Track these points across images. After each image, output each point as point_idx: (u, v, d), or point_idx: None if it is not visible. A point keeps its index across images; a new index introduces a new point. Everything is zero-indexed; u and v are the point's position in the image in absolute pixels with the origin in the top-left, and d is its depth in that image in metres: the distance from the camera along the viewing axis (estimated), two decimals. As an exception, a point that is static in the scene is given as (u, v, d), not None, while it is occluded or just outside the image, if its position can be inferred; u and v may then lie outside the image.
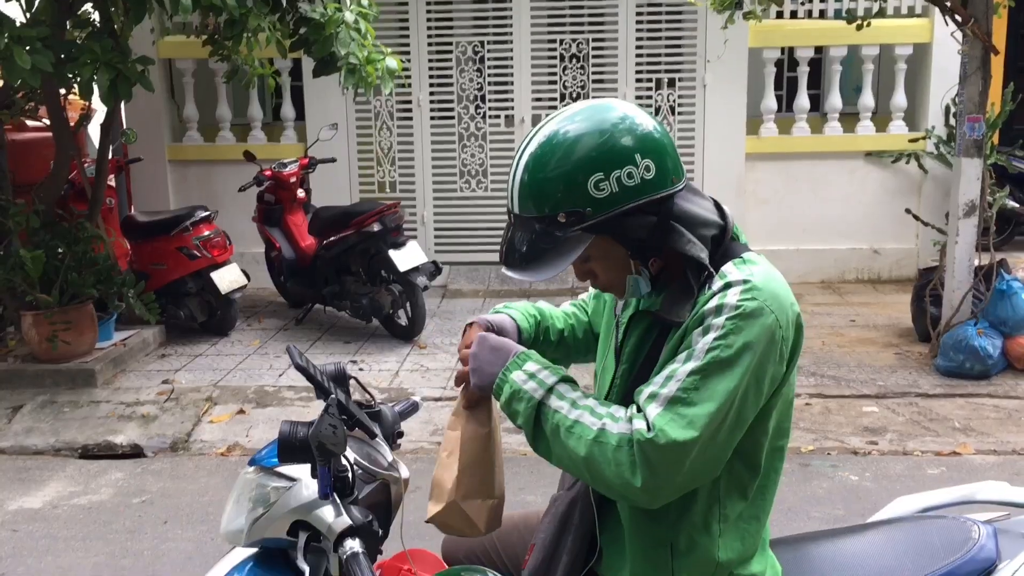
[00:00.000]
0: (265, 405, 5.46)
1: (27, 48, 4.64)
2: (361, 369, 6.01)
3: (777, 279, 1.58)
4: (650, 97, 8.00)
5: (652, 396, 1.52)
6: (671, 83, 8.00)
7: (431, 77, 8.15)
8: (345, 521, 1.61)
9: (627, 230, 1.57)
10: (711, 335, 1.51)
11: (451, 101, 8.19)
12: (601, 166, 1.53)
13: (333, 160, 7.47)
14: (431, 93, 8.17)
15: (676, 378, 1.51)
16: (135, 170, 7.81)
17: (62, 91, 5.99)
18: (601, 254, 1.62)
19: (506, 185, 1.65)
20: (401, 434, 1.99)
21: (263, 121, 8.44)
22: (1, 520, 4.22)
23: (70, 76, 5.28)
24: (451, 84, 8.15)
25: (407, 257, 6.31)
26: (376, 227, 6.29)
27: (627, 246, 1.60)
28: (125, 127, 7.16)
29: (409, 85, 8.10)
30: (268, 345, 6.59)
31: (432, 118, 8.23)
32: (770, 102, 8.04)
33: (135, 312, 6.09)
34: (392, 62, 5.93)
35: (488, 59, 8.09)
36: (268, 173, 6.94)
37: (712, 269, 1.58)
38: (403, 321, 6.58)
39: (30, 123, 6.95)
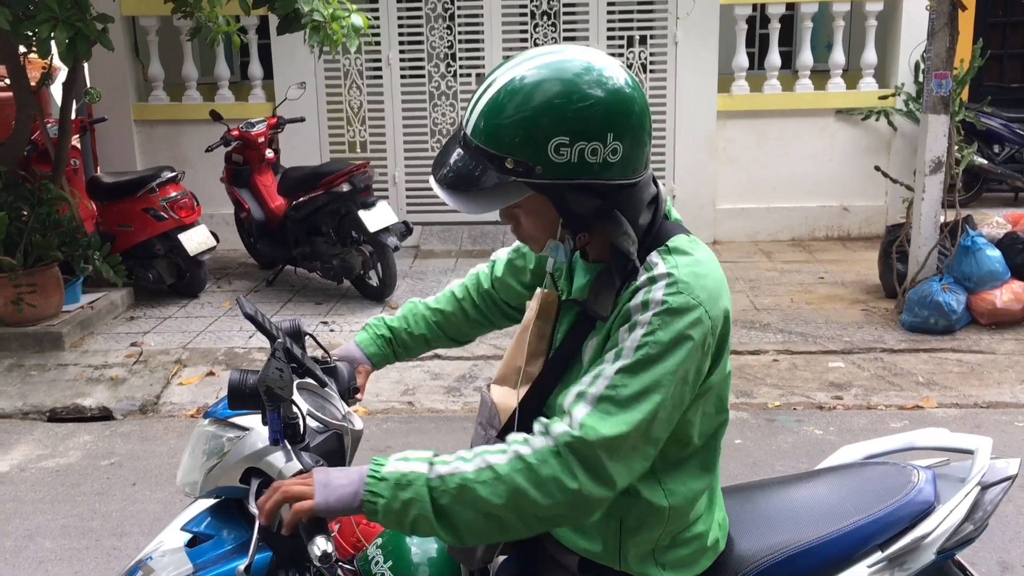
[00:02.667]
0: (235, 367, 5.45)
1: (-18, 5, 4.54)
2: (332, 330, 6.00)
3: (705, 269, 1.52)
4: (621, 55, 7.95)
5: (580, 395, 1.48)
6: (642, 40, 7.95)
7: (401, 35, 8.05)
8: (295, 466, 1.62)
9: (569, 202, 1.50)
10: (638, 332, 1.46)
11: (421, 59, 8.10)
12: (568, 131, 1.43)
13: (302, 120, 7.38)
14: (401, 51, 8.08)
15: (604, 376, 1.47)
16: (100, 130, 7.69)
17: (22, 49, 5.86)
18: (533, 209, 1.54)
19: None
20: (357, 389, 2.00)
21: (230, 80, 8.32)
22: (-32, 484, 4.20)
23: (28, 34, 5.17)
24: (421, 42, 8.06)
25: (377, 217, 6.27)
26: (345, 187, 6.24)
27: (562, 214, 1.52)
28: (88, 86, 7.03)
29: (378, 43, 8.00)
30: (238, 307, 6.55)
31: (402, 77, 8.14)
32: (741, 59, 8.02)
33: (102, 275, 6.03)
34: (358, 19, 5.85)
35: (458, 16, 7.99)
36: (236, 133, 6.85)
37: (637, 262, 1.54)
38: (374, 282, 6.56)
39: (-10, 83, 6.80)
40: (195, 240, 6.56)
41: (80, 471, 4.32)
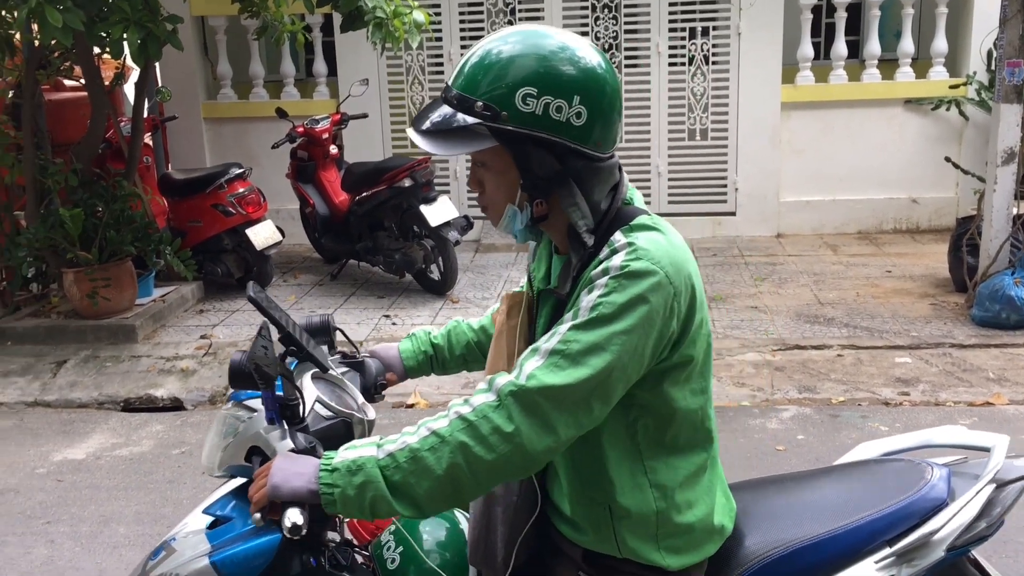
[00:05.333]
0: (300, 359, 5.55)
1: (59, 7, 4.70)
2: (394, 324, 6.08)
3: (668, 242, 1.56)
4: (683, 47, 7.88)
5: (534, 350, 1.52)
6: (705, 32, 7.87)
7: (462, 30, 8.10)
8: (288, 444, 1.66)
9: (529, 159, 1.56)
10: (595, 293, 1.51)
11: (482, 54, 8.12)
12: (537, 83, 1.52)
13: (365, 116, 7.48)
14: (462, 47, 8.12)
15: (559, 333, 1.51)
16: (172, 128, 7.90)
17: (96, 50, 6.05)
18: (497, 167, 1.61)
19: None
20: (385, 386, 2.04)
21: (296, 77, 8.47)
22: (46, 471, 4.37)
23: (102, 35, 5.34)
24: (482, 37, 8.08)
25: (438, 212, 6.34)
26: (407, 182, 6.32)
27: (522, 174, 1.58)
28: (160, 85, 7.23)
29: (440, 39, 8.06)
30: (304, 300, 6.69)
31: (464, 72, 8.17)
32: (807, 49, 7.88)
33: (174, 269, 6.21)
34: (419, 16, 5.91)
35: (519, 10, 8.01)
36: (301, 130, 6.98)
37: (587, 237, 1.59)
38: (435, 276, 6.63)
39: (67, 83, 7.04)
40: (262, 235, 6.70)
41: (152, 459, 4.47)
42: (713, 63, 7.90)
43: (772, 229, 7.95)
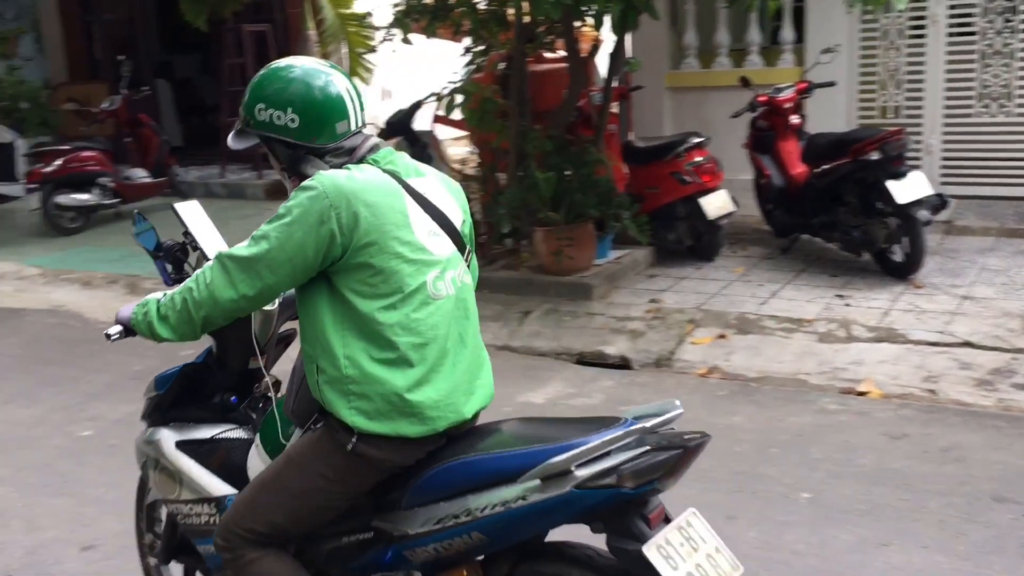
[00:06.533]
0: (746, 332, 5.49)
1: (551, -16, 5.07)
2: (848, 305, 5.76)
3: (348, 178, 2.10)
4: None
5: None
6: None
7: (950, -12, 7.34)
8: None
9: (273, 150, 2.27)
10: (283, 204, 2.11)
11: (973, 14, 7.30)
12: (263, 100, 2.21)
13: (832, 84, 7.11)
14: (950, 6, 7.36)
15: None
16: (634, 97, 8.18)
17: (576, 24, 6.44)
18: (268, 153, 2.31)
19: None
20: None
21: (760, 45, 8.30)
22: (512, 409, 4.78)
23: (584, 8, 5.66)
24: (974, -5, 7.26)
25: (908, 188, 5.84)
26: (876, 155, 5.90)
27: (273, 158, 2.31)
28: (630, 56, 7.51)
29: (924, -1, 7.38)
30: (752, 273, 6.59)
31: (949, 35, 7.43)
32: None
33: (629, 233, 6.46)
34: (907, -26, 5.44)
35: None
36: (763, 99, 6.84)
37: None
38: (898, 257, 6.14)
39: (547, 55, 7.60)
40: (715, 204, 6.70)
41: (601, 412, 4.69)
42: None
43: None
